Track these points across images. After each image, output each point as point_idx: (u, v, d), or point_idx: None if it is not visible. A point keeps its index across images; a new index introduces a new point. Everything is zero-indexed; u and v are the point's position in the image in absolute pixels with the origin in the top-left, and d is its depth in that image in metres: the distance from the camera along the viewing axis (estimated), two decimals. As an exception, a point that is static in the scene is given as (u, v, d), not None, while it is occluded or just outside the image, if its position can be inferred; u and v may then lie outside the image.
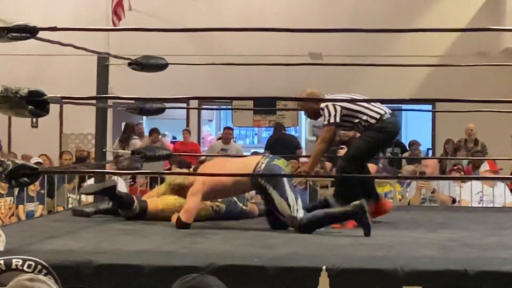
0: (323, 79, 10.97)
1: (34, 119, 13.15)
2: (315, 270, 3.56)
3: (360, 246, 4.35)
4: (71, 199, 8.57)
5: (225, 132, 12.82)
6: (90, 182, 7.01)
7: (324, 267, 3.56)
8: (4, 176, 3.87)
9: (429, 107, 12.73)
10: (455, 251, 4.22)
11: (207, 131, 16.14)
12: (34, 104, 3.87)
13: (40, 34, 4.11)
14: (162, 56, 6.14)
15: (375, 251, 4.14)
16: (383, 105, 5.47)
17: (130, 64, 5.95)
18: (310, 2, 13.98)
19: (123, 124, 12.81)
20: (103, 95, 6.12)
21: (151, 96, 7.53)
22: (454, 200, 7.80)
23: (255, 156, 5.82)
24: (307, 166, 5.50)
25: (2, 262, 3.64)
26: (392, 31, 5.71)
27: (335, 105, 5.30)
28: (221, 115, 16.93)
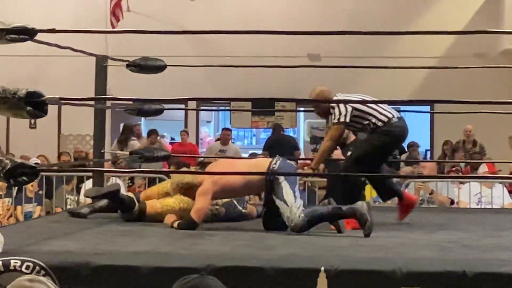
0: (321, 80, 10.90)
1: (33, 120, 13.13)
2: (314, 271, 3.56)
3: (358, 247, 4.35)
4: (70, 200, 8.57)
5: (223, 133, 12.80)
6: (89, 183, 7.00)
7: (322, 268, 3.55)
8: (2, 175, 3.86)
9: (427, 108, 12.73)
10: (453, 252, 4.22)
11: (205, 132, 16.13)
12: (32, 105, 3.87)
13: (39, 35, 4.11)
14: (160, 57, 6.13)
15: (373, 252, 4.14)
16: (391, 108, 5.44)
17: (128, 66, 5.95)
18: (309, 3, 13.97)
19: (122, 125, 12.80)
20: (101, 96, 6.11)
21: (150, 97, 7.51)
22: (452, 201, 7.81)
23: (265, 158, 5.82)
24: (314, 163, 5.46)
25: (0, 263, 3.63)
26: (390, 33, 5.72)
27: (347, 104, 5.29)
28: (219, 116, 16.91)
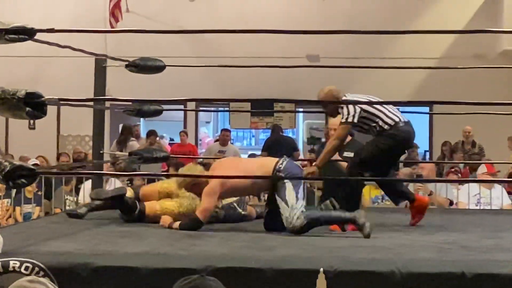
0: (320, 81, 10.93)
1: (32, 121, 13.12)
2: (313, 272, 3.56)
3: (358, 248, 4.34)
4: (69, 201, 8.56)
5: (222, 134, 12.81)
6: (88, 184, 6.98)
7: (321, 269, 3.55)
8: (1, 177, 3.86)
9: (426, 109, 12.72)
10: (452, 253, 4.22)
11: (204, 133, 16.14)
12: (31, 105, 3.86)
13: (38, 35, 4.10)
14: (159, 58, 6.13)
15: (372, 253, 4.13)
16: (399, 112, 5.43)
17: (127, 66, 5.94)
18: (308, 3, 13.97)
19: (121, 126, 12.80)
20: (100, 97, 6.11)
21: (149, 98, 7.52)
22: (451, 203, 7.80)
23: (271, 158, 5.82)
24: (318, 161, 5.42)
25: (-1, 264, 3.64)
26: (390, 32, 5.72)
27: (356, 105, 5.27)
28: (218, 117, 16.92)
